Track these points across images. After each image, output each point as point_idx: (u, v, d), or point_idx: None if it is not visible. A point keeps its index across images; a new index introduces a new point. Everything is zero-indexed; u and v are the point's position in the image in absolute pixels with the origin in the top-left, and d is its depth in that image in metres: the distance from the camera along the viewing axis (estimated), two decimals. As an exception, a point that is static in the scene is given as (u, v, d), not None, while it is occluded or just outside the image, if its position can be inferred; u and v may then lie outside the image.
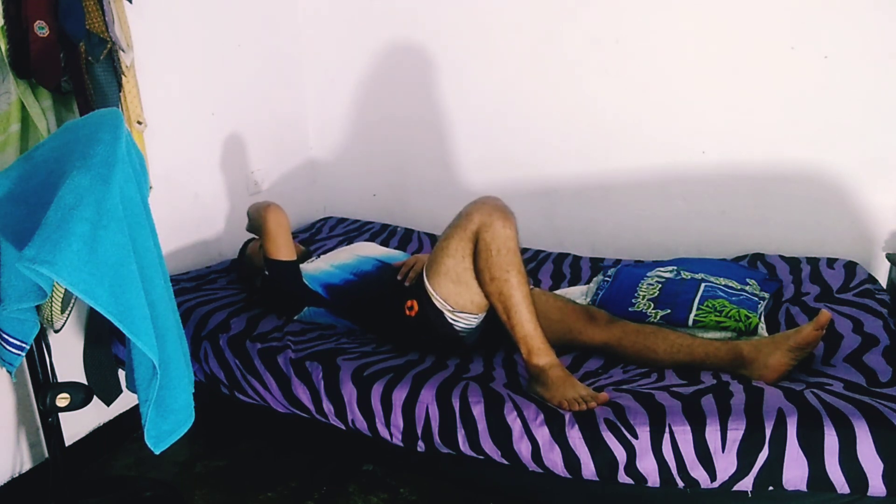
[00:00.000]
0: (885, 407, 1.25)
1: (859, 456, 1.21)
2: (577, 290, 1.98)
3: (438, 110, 2.53)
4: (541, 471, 1.39)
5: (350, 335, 1.79)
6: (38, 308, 1.36)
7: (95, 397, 1.61)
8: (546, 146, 2.40)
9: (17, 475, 1.74)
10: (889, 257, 2.00)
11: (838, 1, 1.93)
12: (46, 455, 1.75)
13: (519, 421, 1.38)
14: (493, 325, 1.63)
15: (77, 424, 1.86)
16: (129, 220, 1.26)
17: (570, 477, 1.36)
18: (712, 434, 1.27)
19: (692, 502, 1.34)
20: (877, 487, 1.22)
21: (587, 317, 1.70)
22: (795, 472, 1.24)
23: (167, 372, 1.35)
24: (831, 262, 2.00)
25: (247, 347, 1.69)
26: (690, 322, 1.67)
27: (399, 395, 1.49)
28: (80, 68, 1.64)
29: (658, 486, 1.32)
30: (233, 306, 1.88)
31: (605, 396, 1.39)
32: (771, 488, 1.27)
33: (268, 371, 1.64)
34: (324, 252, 2.24)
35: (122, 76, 1.75)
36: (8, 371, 1.41)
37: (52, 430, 1.54)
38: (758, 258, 2.10)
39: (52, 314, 1.35)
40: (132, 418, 2.01)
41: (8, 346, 1.36)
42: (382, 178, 2.75)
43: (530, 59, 2.34)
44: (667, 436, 1.28)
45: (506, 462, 1.42)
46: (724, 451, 1.26)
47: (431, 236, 2.50)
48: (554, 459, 1.35)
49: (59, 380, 1.52)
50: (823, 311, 1.39)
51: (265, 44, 2.50)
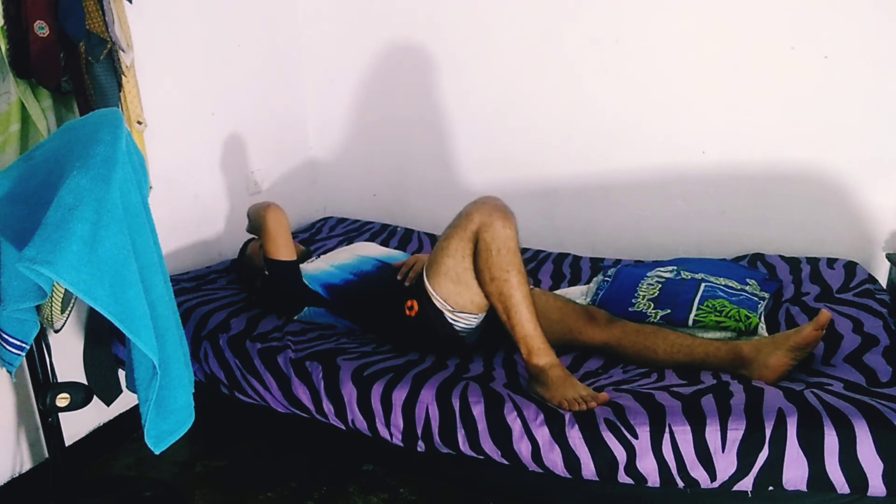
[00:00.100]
0: (885, 407, 1.25)
1: (859, 456, 1.21)
2: (577, 290, 1.98)
3: (438, 110, 2.53)
4: (541, 471, 1.39)
5: (350, 335, 1.79)
6: (38, 308, 1.36)
7: (95, 397, 1.61)
8: (546, 146, 2.40)
9: (17, 475, 1.74)
10: (889, 257, 2.00)
11: (838, 1, 1.93)
12: (46, 455, 1.75)
13: (519, 421, 1.38)
14: (493, 325, 1.63)
15: (77, 424, 1.86)
16: (129, 220, 1.26)
17: (570, 477, 1.36)
18: (712, 434, 1.27)
19: (692, 502, 1.34)
20: (877, 487, 1.22)
21: (587, 317, 1.71)
22: (795, 472, 1.24)
23: (167, 372, 1.35)
24: (831, 262, 2.00)
25: (247, 347, 1.69)
26: (690, 322, 1.67)
27: (399, 395, 1.49)
28: (80, 68, 1.64)
29: (658, 486, 1.32)
30: (233, 306, 1.89)
31: (605, 396, 1.39)
32: (771, 488, 1.27)
33: (268, 371, 1.64)
34: (324, 252, 2.24)
35: (122, 76, 1.75)
36: (8, 371, 1.41)
37: (52, 430, 1.54)
38: (758, 258, 2.10)
39: (52, 314, 1.35)
40: (132, 418, 2.01)
41: (8, 346, 1.36)
42: (382, 178, 2.75)
43: (530, 59, 2.34)
44: (667, 436, 1.28)
45: (506, 462, 1.42)
46: (724, 451, 1.26)
47: (431, 236, 2.50)
48: (554, 459, 1.35)
49: (59, 380, 1.52)
50: (823, 311, 1.39)
51: (265, 44, 2.50)
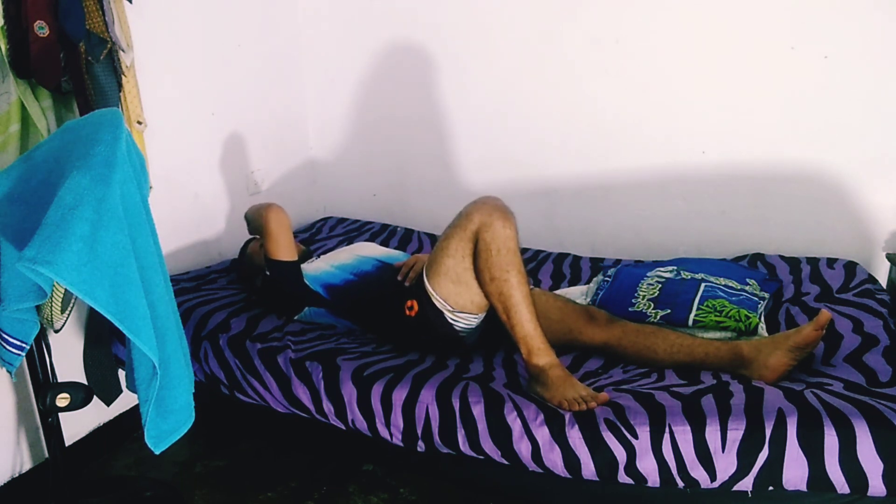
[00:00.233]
0: (885, 407, 1.25)
1: (859, 456, 1.21)
2: (577, 290, 1.98)
3: (438, 110, 2.53)
4: (541, 471, 1.39)
5: (350, 335, 1.79)
6: (38, 308, 1.36)
7: (95, 397, 1.61)
8: (546, 146, 2.40)
9: (17, 475, 1.74)
10: (889, 257, 2.00)
11: (838, 1, 1.93)
12: (46, 455, 1.75)
13: (519, 421, 1.38)
14: (493, 325, 1.63)
15: (77, 424, 1.86)
16: (129, 220, 1.26)
17: (570, 477, 1.36)
18: (712, 434, 1.27)
19: (692, 502, 1.34)
20: (877, 487, 1.22)
21: (587, 317, 1.70)
22: (795, 472, 1.24)
23: (167, 372, 1.35)
24: (831, 262, 2.00)
25: (247, 347, 1.69)
26: (690, 322, 1.67)
27: (399, 395, 1.49)
28: (80, 68, 1.64)
29: (658, 486, 1.32)
30: (233, 306, 1.89)
31: (605, 396, 1.39)
32: (771, 488, 1.27)
33: (268, 371, 1.64)
34: (324, 252, 2.24)
35: (122, 76, 1.75)
36: (8, 371, 1.41)
37: (52, 430, 1.54)
38: (758, 258, 2.10)
39: (52, 314, 1.35)
40: (132, 418, 2.01)
41: (8, 346, 1.36)
42: (382, 178, 2.75)
43: (530, 59, 2.34)
44: (667, 436, 1.28)
45: (506, 462, 1.42)
46: (724, 451, 1.26)
47: (431, 236, 2.50)
48: (554, 459, 1.35)
49: (59, 380, 1.52)
50: (823, 311, 1.39)
51: (265, 44, 2.50)
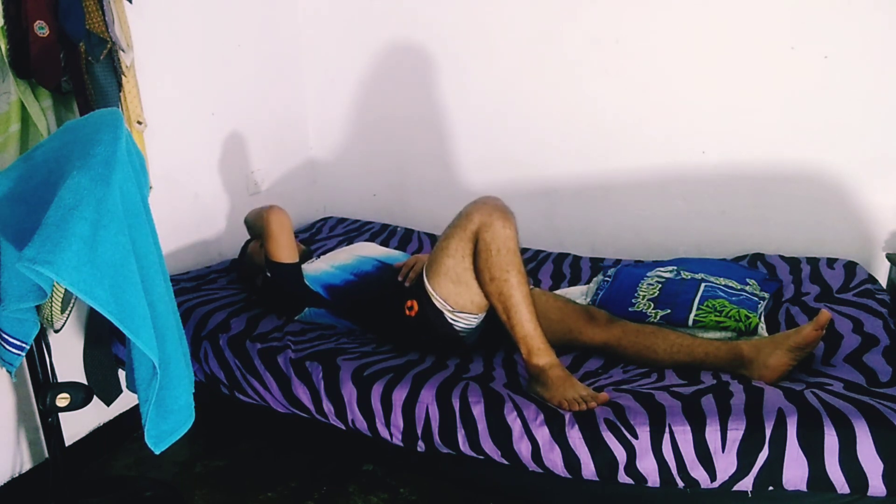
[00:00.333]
0: (885, 407, 1.25)
1: (859, 456, 1.21)
2: (577, 290, 1.98)
3: (438, 110, 2.53)
4: (541, 471, 1.39)
5: (350, 335, 1.79)
6: (38, 308, 1.36)
7: (95, 397, 1.61)
8: (546, 146, 2.40)
9: (17, 475, 1.74)
10: (889, 257, 2.00)
11: (838, 1, 1.93)
12: (46, 455, 1.75)
13: (519, 421, 1.38)
14: (493, 325, 1.63)
15: (77, 424, 1.86)
16: (129, 220, 1.26)
17: (570, 477, 1.36)
18: (712, 434, 1.27)
19: (692, 502, 1.34)
20: (877, 487, 1.22)
21: (587, 317, 1.70)
22: (795, 472, 1.24)
23: (167, 372, 1.35)
24: (831, 262, 2.00)
25: (247, 347, 1.69)
26: (690, 322, 1.67)
27: (399, 395, 1.49)
28: (80, 68, 1.64)
29: (658, 486, 1.32)
30: (233, 306, 1.88)
31: (605, 396, 1.39)
32: (771, 488, 1.27)
33: (268, 371, 1.64)
34: (324, 252, 2.24)
35: (122, 76, 1.75)
36: (8, 371, 1.41)
37: (52, 430, 1.54)
38: (758, 258, 2.10)
39: (52, 314, 1.35)
40: (132, 418, 2.01)
41: (8, 346, 1.36)
42: (382, 178, 2.75)
43: (530, 59, 2.34)
44: (667, 436, 1.28)
45: (506, 462, 1.42)
46: (724, 451, 1.26)
47: (431, 236, 2.50)
48: (554, 459, 1.35)
49: (59, 380, 1.52)
50: (823, 311, 1.39)
51: (265, 44, 2.50)
